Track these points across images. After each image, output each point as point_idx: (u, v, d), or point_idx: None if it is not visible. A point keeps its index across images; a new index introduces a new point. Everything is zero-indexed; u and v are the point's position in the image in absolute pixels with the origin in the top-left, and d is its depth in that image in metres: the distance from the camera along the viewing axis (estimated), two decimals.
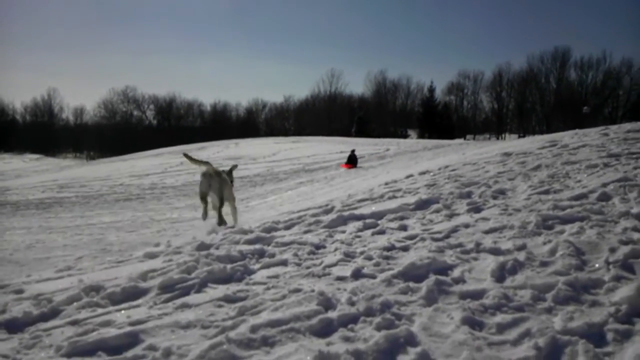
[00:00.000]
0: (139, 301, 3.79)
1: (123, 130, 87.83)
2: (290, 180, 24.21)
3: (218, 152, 42.03)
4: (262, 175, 27.02)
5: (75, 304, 3.72)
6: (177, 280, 4.06)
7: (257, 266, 4.49)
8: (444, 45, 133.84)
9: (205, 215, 7.48)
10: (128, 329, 3.23)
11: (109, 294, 3.86)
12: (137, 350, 2.97)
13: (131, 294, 3.89)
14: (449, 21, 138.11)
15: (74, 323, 3.42)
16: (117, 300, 3.80)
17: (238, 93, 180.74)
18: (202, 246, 5.19)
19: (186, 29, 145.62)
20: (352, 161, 19.82)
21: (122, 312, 3.58)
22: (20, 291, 4.11)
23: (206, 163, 7.31)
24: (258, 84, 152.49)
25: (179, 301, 3.73)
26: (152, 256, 5.10)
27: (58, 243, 11.85)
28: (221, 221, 7.21)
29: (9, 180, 35.33)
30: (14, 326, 3.42)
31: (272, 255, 4.76)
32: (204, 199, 7.34)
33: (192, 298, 3.79)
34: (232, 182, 7.98)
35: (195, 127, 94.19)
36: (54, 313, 3.59)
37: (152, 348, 2.98)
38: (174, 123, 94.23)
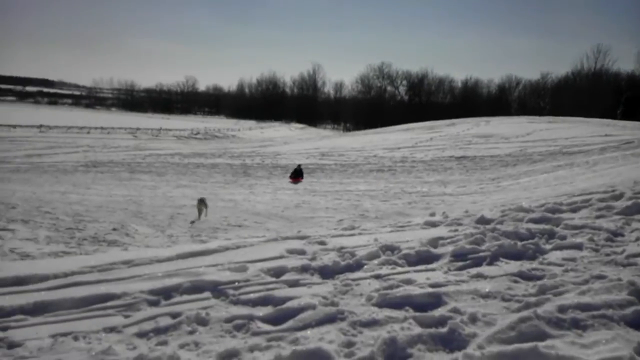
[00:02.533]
0: (434, 265, 3.96)
1: (376, 105, 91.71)
2: (546, 163, 22.59)
3: (468, 130, 41.15)
4: (513, 155, 25.74)
5: (375, 260, 4.05)
6: (469, 251, 4.14)
7: (548, 246, 4.33)
8: None
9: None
10: (429, 289, 3.40)
11: (404, 255, 4.12)
12: (443, 311, 3.09)
13: (425, 258, 4.09)
14: None
15: (378, 277, 3.73)
16: (412, 262, 4.03)
17: (490, 69, 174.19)
18: (483, 220, 5.19)
19: (437, 4, 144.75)
20: (297, 175, 19.12)
21: (421, 273, 3.78)
22: (323, 243, 4.62)
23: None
24: (512, 60, 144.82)
25: (473, 270, 3.80)
26: (432, 224, 5.29)
27: (321, 205, 13.06)
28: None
29: (279, 145, 39.90)
30: (326, 273, 3.87)
31: (563, 238, 4.53)
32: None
33: (485, 269, 3.82)
34: None
35: (444, 103, 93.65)
36: (358, 266, 3.97)
37: (456, 311, 3.08)
38: (424, 99, 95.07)
